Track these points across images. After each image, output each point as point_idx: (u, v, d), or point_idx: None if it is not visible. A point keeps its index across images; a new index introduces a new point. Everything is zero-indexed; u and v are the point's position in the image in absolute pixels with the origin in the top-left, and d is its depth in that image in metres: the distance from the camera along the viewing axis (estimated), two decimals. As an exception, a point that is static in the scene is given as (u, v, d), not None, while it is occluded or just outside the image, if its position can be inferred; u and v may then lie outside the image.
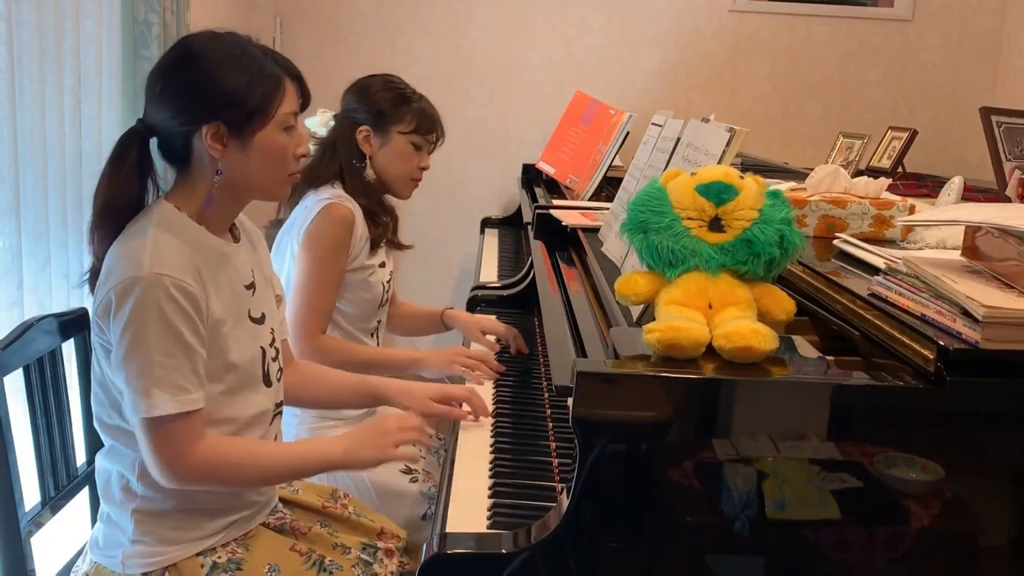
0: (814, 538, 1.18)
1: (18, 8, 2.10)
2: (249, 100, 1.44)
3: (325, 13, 4.03)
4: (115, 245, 1.44)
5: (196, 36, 1.50)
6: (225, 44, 1.47)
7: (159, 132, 1.47)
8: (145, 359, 1.37)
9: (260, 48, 1.50)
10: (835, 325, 1.36)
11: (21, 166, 2.13)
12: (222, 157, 1.45)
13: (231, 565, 1.49)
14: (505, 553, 1.20)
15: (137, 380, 1.37)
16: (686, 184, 1.29)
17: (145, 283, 1.36)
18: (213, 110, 1.43)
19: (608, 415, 1.15)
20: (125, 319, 1.37)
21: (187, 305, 1.39)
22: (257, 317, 1.55)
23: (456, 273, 4.19)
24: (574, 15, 4.06)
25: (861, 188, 1.79)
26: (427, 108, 2.21)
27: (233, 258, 1.53)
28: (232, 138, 1.45)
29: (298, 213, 2.11)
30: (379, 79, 2.22)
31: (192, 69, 1.44)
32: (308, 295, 2.04)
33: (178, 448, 1.40)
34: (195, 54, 1.45)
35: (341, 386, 1.84)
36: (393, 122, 2.16)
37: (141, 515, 1.47)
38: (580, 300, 1.79)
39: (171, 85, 1.45)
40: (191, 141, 1.46)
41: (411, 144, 2.18)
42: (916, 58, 4.08)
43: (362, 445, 1.55)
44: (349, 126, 2.17)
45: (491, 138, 4.12)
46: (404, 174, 2.20)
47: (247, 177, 1.49)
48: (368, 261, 2.14)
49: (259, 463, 1.49)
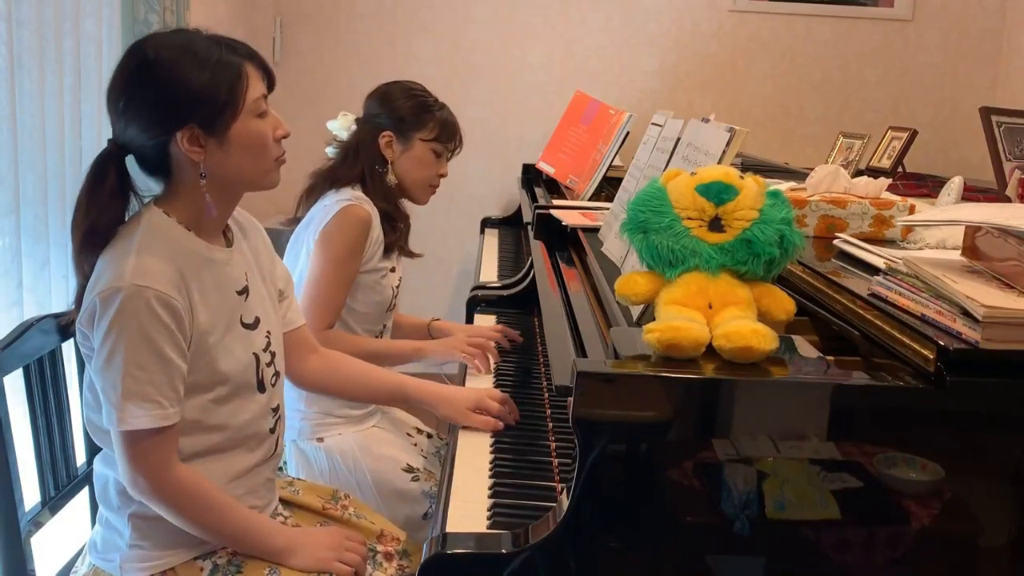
0: (814, 538, 1.18)
1: (18, 8, 2.11)
2: (216, 95, 1.40)
3: (325, 13, 4.03)
4: (103, 254, 1.42)
5: (145, 41, 1.45)
6: (177, 42, 1.43)
7: (133, 149, 1.44)
8: (120, 371, 1.35)
9: (212, 39, 1.45)
10: (835, 325, 1.36)
11: (21, 166, 2.13)
12: (203, 159, 1.42)
13: (231, 567, 1.49)
14: (505, 553, 1.20)
15: (112, 391, 1.36)
16: (686, 184, 1.29)
17: (126, 294, 1.34)
18: (183, 114, 1.39)
19: (608, 415, 1.15)
20: (105, 328, 1.36)
21: (168, 318, 1.37)
22: (250, 323, 1.53)
23: (456, 273, 4.19)
24: (574, 15, 4.06)
25: (861, 188, 1.79)
26: (449, 117, 2.25)
27: (224, 264, 1.50)
28: (208, 137, 1.41)
29: (316, 211, 2.14)
30: (402, 86, 2.26)
31: (152, 78, 1.40)
32: (320, 291, 2.07)
33: (155, 464, 1.39)
34: (150, 61, 1.40)
35: (372, 382, 1.85)
36: (416, 129, 2.19)
37: (138, 520, 1.47)
38: (580, 300, 1.79)
39: (134, 99, 1.41)
40: (168, 150, 1.42)
41: (432, 151, 2.21)
42: (916, 58, 4.08)
43: (306, 548, 1.50)
44: (372, 131, 2.20)
45: (491, 138, 4.12)
46: (424, 180, 2.23)
47: (233, 172, 1.45)
48: (381, 264, 2.17)
49: (219, 514, 1.46)
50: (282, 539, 1.51)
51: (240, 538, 1.49)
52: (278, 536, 1.51)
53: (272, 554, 1.49)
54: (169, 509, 1.43)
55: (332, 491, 1.78)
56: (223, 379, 1.47)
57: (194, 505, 1.44)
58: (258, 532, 1.50)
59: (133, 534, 1.47)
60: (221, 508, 1.46)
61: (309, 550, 1.50)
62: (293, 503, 1.70)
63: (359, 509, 1.77)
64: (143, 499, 1.42)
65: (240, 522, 1.48)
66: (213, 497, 1.45)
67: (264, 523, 1.53)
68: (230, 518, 1.47)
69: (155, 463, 1.39)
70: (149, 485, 1.40)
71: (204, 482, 1.45)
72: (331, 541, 1.53)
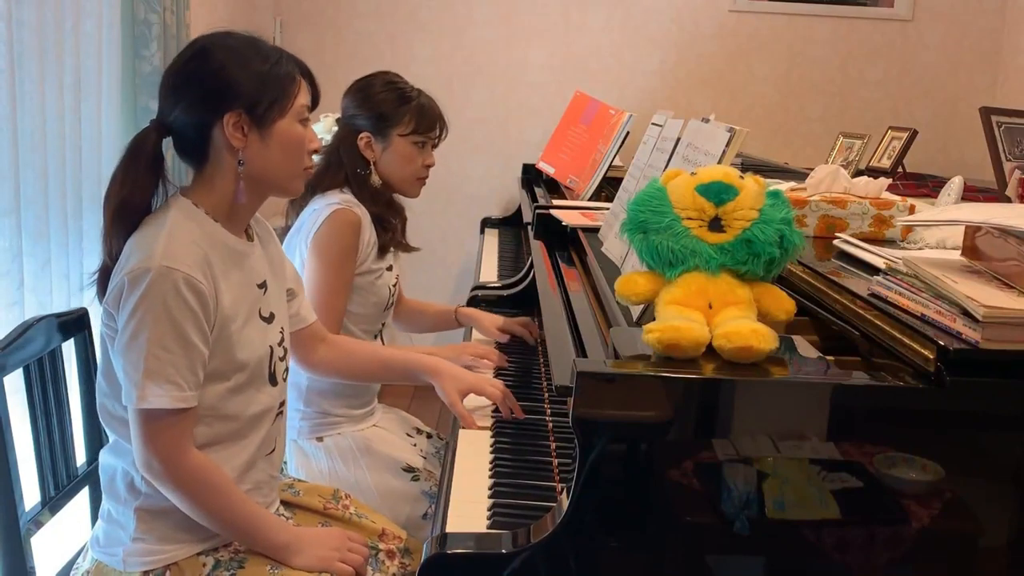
0: (814, 538, 1.18)
1: (18, 8, 2.10)
2: (269, 86, 1.47)
3: (325, 13, 4.03)
4: (131, 237, 1.45)
5: (209, 36, 1.52)
6: (239, 40, 1.50)
7: (176, 130, 1.48)
8: (144, 350, 1.37)
9: (276, 47, 1.54)
10: (835, 325, 1.36)
11: (21, 166, 2.13)
12: (243, 147, 1.46)
13: (233, 563, 1.49)
14: (505, 553, 1.20)
15: (133, 370, 1.38)
16: (686, 184, 1.29)
17: (155, 274, 1.37)
18: (234, 98, 1.45)
19: (608, 415, 1.15)
20: (132, 307, 1.38)
21: (194, 302, 1.39)
22: (267, 316, 1.56)
23: (456, 273, 4.19)
24: (574, 15, 4.06)
25: (861, 188, 1.79)
26: (426, 103, 2.19)
27: (248, 256, 1.54)
28: (253, 126, 1.46)
29: (306, 217, 2.11)
30: (372, 81, 2.20)
31: (210, 62, 1.46)
32: (321, 299, 2.04)
33: (170, 446, 1.40)
34: (210, 49, 1.48)
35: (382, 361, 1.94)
36: (392, 125, 2.14)
37: (144, 513, 1.48)
38: (580, 300, 1.79)
39: (190, 80, 1.47)
40: (210, 134, 1.47)
41: (413, 144, 2.16)
42: (916, 58, 4.08)
43: (309, 547, 1.51)
44: (350, 134, 2.16)
45: (491, 138, 4.12)
46: (409, 175, 2.19)
47: (267, 168, 1.50)
48: (375, 265, 2.15)
49: (228, 504, 1.47)
50: (286, 536, 1.52)
51: (246, 531, 1.50)
52: (282, 533, 1.52)
53: (275, 550, 1.50)
54: (180, 494, 1.44)
55: (333, 491, 1.78)
56: (241, 367, 1.49)
57: (205, 492, 1.45)
58: (264, 527, 1.51)
59: (138, 527, 1.47)
60: (230, 498, 1.48)
61: (312, 549, 1.51)
62: (294, 504, 1.70)
63: (360, 509, 1.77)
64: (155, 481, 1.43)
65: (247, 515, 1.49)
66: (224, 486, 1.47)
67: (270, 519, 1.54)
68: (238, 509, 1.48)
69: (170, 445, 1.41)
70: (163, 467, 1.41)
71: (217, 470, 1.46)
72: (333, 541, 1.54)
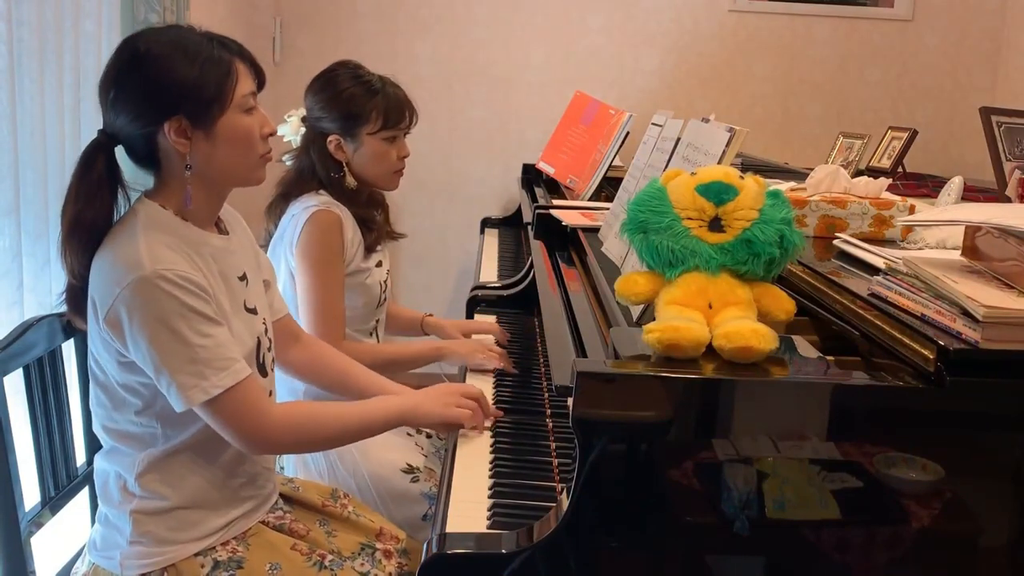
0: (814, 538, 1.18)
1: (18, 8, 2.10)
2: (204, 88, 1.43)
3: (325, 13, 4.03)
4: (103, 254, 1.42)
5: (139, 35, 1.49)
6: (169, 37, 1.46)
7: (123, 138, 1.47)
8: (188, 348, 1.38)
9: (204, 35, 1.48)
10: (835, 325, 1.36)
11: (21, 166, 2.13)
12: (189, 151, 1.45)
13: (232, 563, 1.49)
14: (505, 553, 1.20)
15: (184, 372, 1.38)
16: (686, 184, 1.29)
17: (151, 281, 1.36)
18: (171, 105, 1.42)
19: (608, 415, 1.15)
20: (145, 324, 1.36)
21: (199, 291, 1.40)
22: (251, 308, 1.57)
23: (456, 273, 4.19)
24: (574, 15, 4.06)
25: (861, 188, 1.79)
26: (390, 94, 2.11)
27: (225, 251, 1.53)
28: (196, 129, 1.44)
29: (286, 223, 2.08)
30: (333, 77, 2.12)
31: (142, 68, 1.43)
32: (320, 306, 2.02)
33: (254, 414, 1.43)
34: (142, 53, 1.44)
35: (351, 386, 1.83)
36: (360, 124, 2.08)
37: (139, 515, 1.47)
38: (580, 300, 1.79)
39: (125, 88, 1.44)
40: (156, 141, 1.45)
41: (384, 141, 2.10)
42: (916, 58, 4.08)
43: (430, 401, 1.61)
44: (318, 137, 2.11)
45: (491, 138, 4.12)
46: (385, 171, 2.14)
47: (218, 166, 1.48)
48: (363, 264, 2.13)
49: (336, 418, 1.54)
50: (400, 401, 1.61)
51: (368, 423, 1.57)
52: (395, 401, 1.61)
53: (407, 416, 1.60)
54: (292, 446, 1.50)
55: (331, 489, 1.78)
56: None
57: (311, 428, 1.50)
58: (379, 409, 1.59)
59: (134, 530, 1.47)
60: (334, 413, 1.54)
61: (431, 403, 1.61)
62: (293, 499, 1.70)
63: (358, 508, 1.77)
64: (268, 452, 1.47)
65: (357, 412, 1.57)
66: (317, 412, 1.52)
67: (377, 401, 1.62)
68: (346, 416, 1.55)
69: (252, 414, 1.43)
70: (261, 435, 1.44)
71: (301, 404, 1.52)
72: (444, 393, 1.64)
